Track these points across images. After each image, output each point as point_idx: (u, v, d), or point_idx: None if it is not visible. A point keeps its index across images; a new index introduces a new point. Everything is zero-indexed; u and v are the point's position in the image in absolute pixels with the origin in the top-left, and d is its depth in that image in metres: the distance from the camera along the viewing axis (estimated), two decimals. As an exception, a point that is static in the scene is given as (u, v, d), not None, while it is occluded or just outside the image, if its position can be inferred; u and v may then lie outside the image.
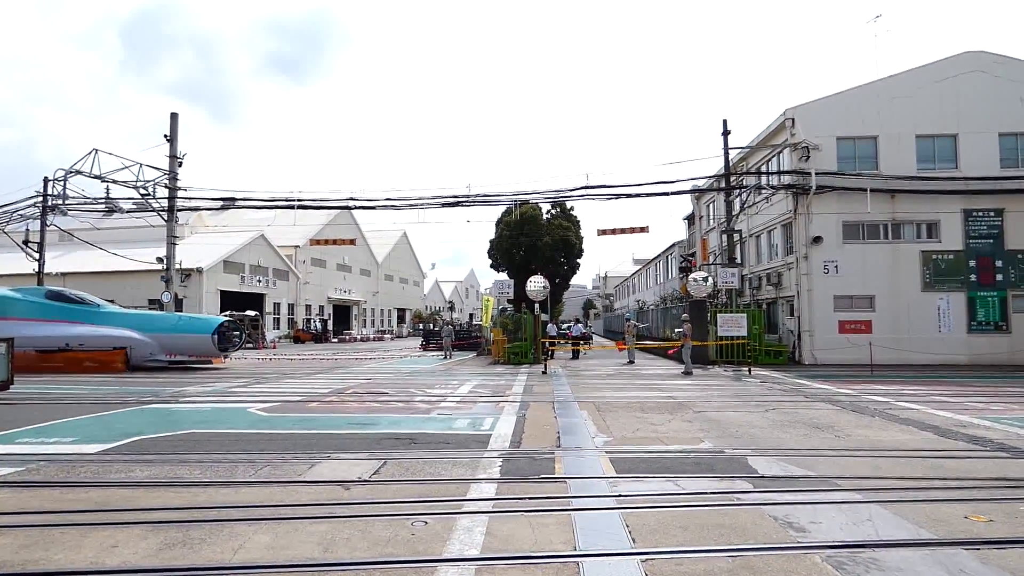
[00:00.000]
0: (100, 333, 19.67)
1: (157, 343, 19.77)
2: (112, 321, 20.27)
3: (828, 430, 8.49)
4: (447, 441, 7.72)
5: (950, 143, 21.40)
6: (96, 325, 19.88)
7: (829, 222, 21.31)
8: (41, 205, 25.17)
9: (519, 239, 34.51)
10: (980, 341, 20.82)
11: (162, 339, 19.88)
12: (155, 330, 20.03)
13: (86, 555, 3.89)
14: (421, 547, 4.01)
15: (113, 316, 20.80)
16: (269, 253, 45.14)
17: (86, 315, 20.23)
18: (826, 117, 21.56)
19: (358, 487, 5.51)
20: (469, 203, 23.03)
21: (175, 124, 23.78)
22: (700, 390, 13.65)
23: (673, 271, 39.53)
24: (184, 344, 20.16)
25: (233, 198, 24.30)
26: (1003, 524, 4.50)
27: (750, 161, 26.20)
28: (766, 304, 25.23)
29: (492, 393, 13.10)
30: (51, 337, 19.48)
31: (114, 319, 20.49)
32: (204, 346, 20.07)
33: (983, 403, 11.29)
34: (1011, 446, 7.34)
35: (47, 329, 19.56)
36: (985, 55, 21.48)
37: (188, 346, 20.22)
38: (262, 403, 11.40)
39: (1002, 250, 21.05)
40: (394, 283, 69.54)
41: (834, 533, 4.28)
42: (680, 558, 3.85)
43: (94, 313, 20.48)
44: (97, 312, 20.61)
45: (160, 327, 20.33)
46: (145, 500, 5.15)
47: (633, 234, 24.21)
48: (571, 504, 5.04)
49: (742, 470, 6.15)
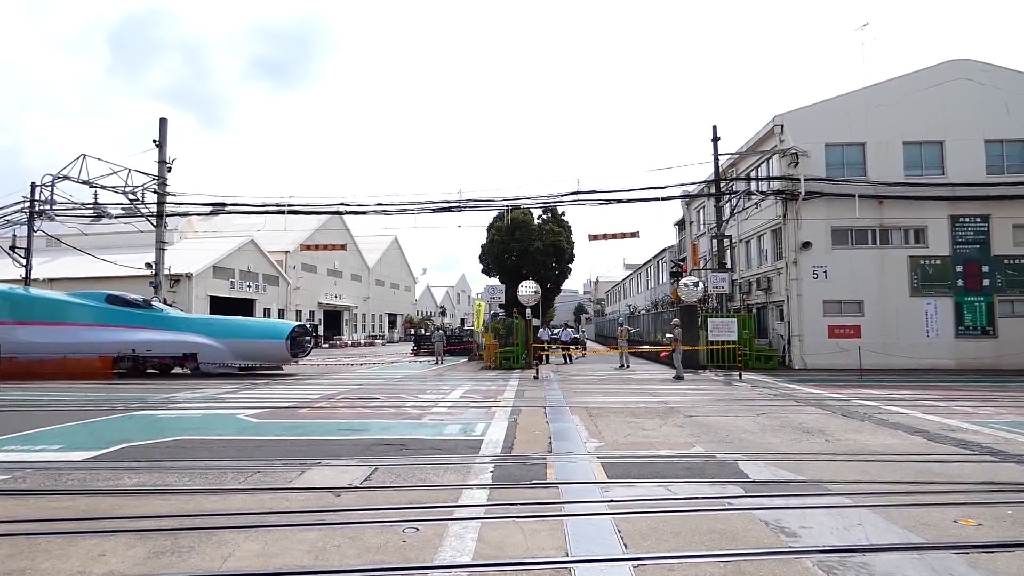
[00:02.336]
0: (167, 339, 19.27)
1: (228, 349, 19.28)
2: (179, 326, 19.87)
3: (818, 435, 8.53)
4: (438, 447, 7.70)
5: (937, 150, 21.65)
6: (161, 330, 19.48)
7: (818, 228, 21.48)
8: (28, 211, 24.91)
9: (510, 244, 34.59)
10: (967, 345, 21.02)
11: (233, 345, 19.40)
12: (226, 335, 19.56)
13: (73, 564, 3.83)
14: (412, 554, 3.99)
15: (179, 321, 20.40)
16: (259, 258, 44.89)
17: (149, 320, 19.83)
18: (815, 124, 21.76)
19: (349, 494, 5.47)
20: (460, 208, 23.03)
21: (164, 129, 23.65)
22: (691, 395, 13.69)
23: (664, 276, 39.68)
24: (257, 350, 19.70)
25: (223, 203, 24.17)
26: (992, 528, 4.53)
27: (740, 167, 26.39)
28: (756, 309, 25.37)
29: (483, 398, 13.07)
30: (115, 343, 19.07)
31: (180, 324, 20.10)
32: (278, 352, 19.64)
33: (971, 407, 11.39)
34: (999, 450, 7.40)
35: (109, 335, 19.16)
36: (971, 63, 21.79)
37: (261, 352, 19.76)
38: (252, 409, 11.31)
39: (988, 256, 21.30)
40: (385, 288, 69.33)
41: (825, 537, 4.30)
42: (672, 563, 3.85)
43: (157, 317, 20.07)
44: (160, 316, 20.20)
45: (231, 332, 19.87)
46: (133, 508, 5.09)
47: (624, 239, 24.30)
48: (563, 510, 5.03)
49: (733, 475, 6.17)
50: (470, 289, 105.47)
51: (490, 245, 35.87)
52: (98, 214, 24.29)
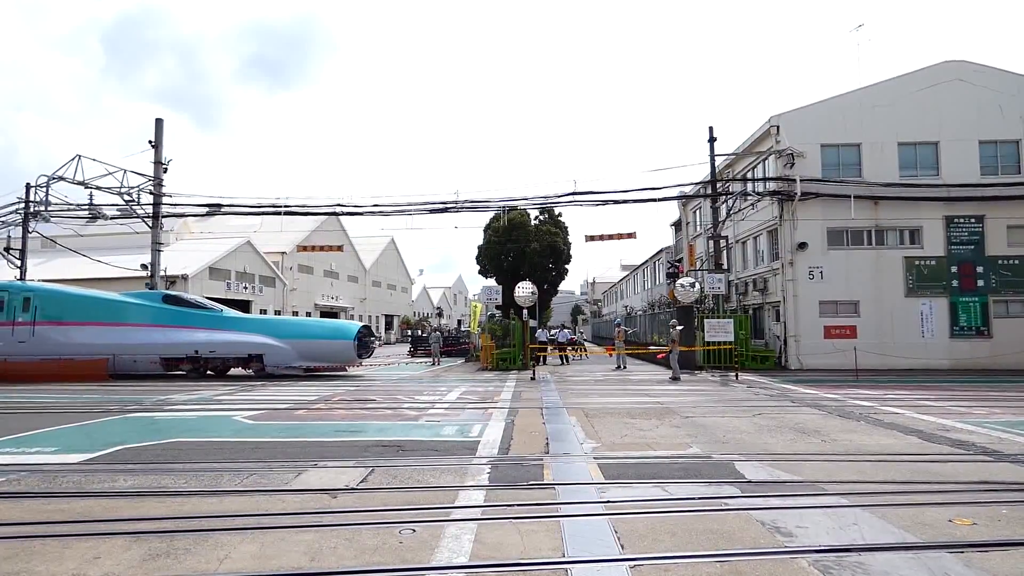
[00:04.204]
0: (232, 339, 19.07)
1: (294, 350, 19.04)
2: (240, 326, 19.72)
3: (814, 435, 8.56)
4: (435, 448, 7.69)
5: (931, 151, 21.74)
6: (223, 331, 19.30)
7: (814, 228, 21.54)
8: (23, 212, 24.82)
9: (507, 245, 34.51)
10: (962, 346, 21.10)
11: (300, 346, 19.16)
12: (292, 336, 19.36)
13: (68, 566, 3.82)
14: (409, 555, 3.99)
15: (239, 321, 20.26)
16: (255, 260, 44.78)
17: (210, 320, 19.65)
18: (810, 124, 21.83)
19: (345, 495, 5.47)
20: (457, 209, 23.01)
21: (160, 130, 23.58)
22: (688, 395, 13.71)
23: (660, 277, 39.75)
24: (324, 351, 19.43)
25: (219, 204, 24.09)
26: (986, 527, 4.55)
27: (736, 168, 26.45)
28: (753, 310, 25.42)
29: (480, 399, 13.07)
30: (177, 344, 18.90)
31: (241, 324, 19.95)
32: (345, 352, 19.43)
33: (966, 407, 11.44)
34: (993, 450, 7.43)
35: (170, 335, 18.98)
36: (965, 64, 21.88)
37: (329, 353, 19.48)
38: (248, 411, 11.29)
39: (983, 256, 21.39)
40: (382, 289, 69.24)
41: (821, 537, 4.31)
42: (668, 564, 3.86)
43: (218, 318, 19.89)
44: (220, 317, 20.02)
45: (297, 333, 19.69)
46: (129, 510, 5.08)
47: (621, 240, 24.29)
48: (560, 510, 5.03)
49: (730, 475, 6.18)
50: (467, 290, 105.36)
51: (487, 246, 35.81)
52: (93, 215, 24.19)
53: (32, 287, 20.11)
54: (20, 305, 19.05)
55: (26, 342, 18.69)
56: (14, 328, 18.81)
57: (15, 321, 18.89)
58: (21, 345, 18.67)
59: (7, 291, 19.42)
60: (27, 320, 18.89)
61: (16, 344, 18.68)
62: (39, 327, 18.83)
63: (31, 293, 19.42)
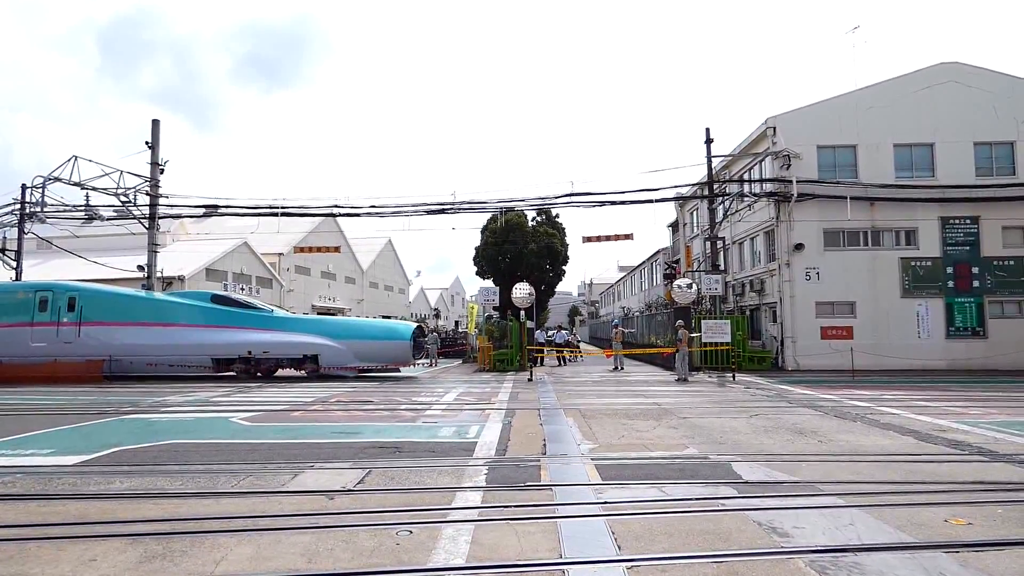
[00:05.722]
0: (286, 340, 18.92)
1: (350, 350, 18.90)
2: (293, 327, 19.58)
3: (811, 435, 8.57)
4: (432, 450, 7.68)
5: (927, 152, 21.82)
6: (276, 331, 19.15)
7: (810, 229, 21.60)
8: (19, 213, 24.75)
9: (504, 246, 34.56)
10: (958, 346, 21.17)
11: (355, 346, 19.02)
12: (347, 336, 19.19)
13: (63, 569, 3.81)
14: (406, 557, 3.98)
15: (291, 321, 20.12)
16: (252, 261, 44.68)
17: (260, 320, 19.48)
18: (807, 126, 21.89)
19: (342, 497, 5.46)
20: (454, 210, 23.00)
21: (156, 130, 23.52)
22: (685, 396, 13.73)
23: (657, 278, 39.80)
24: (380, 351, 19.29)
25: (216, 205, 24.05)
26: (982, 527, 4.57)
27: (733, 169, 26.51)
28: (749, 310, 25.47)
29: (478, 400, 13.07)
30: (230, 344, 18.76)
31: (293, 324, 19.82)
32: (401, 353, 19.29)
33: (961, 407, 11.48)
34: (989, 450, 7.46)
35: (221, 336, 18.86)
36: (960, 66, 21.98)
37: (385, 353, 19.33)
38: (244, 412, 11.25)
39: (978, 257, 21.47)
40: (379, 291, 69.17)
41: (817, 538, 4.32)
42: (665, 564, 3.86)
43: (269, 318, 19.74)
44: (271, 317, 19.88)
45: (353, 334, 19.53)
46: (124, 512, 5.06)
47: (618, 241, 24.35)
48: (557, 511, 5.03)
49: (726, 476, 6.19)
50: (464, 291, 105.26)
51: (484, 247, 35.85)
52: (89, 216, 24.11)
53: (77, 287, 19.78)
54: (65, 305, 18.92)
55: (72, 343, 18.54)
56: (59, 328, 18.66)
57: (60, 322, 18.73)
58: (67, 346, 18.51)
59: (51, 291, 19.21)
60: (72, 321, 18.74)
61: (62, 345, 18.52)
62: (85, 328, 18.68)
63: (76, 293, 19.21)
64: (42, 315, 18.83)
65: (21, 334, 18.66)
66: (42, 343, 18.56)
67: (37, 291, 19.25)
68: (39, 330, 18.69)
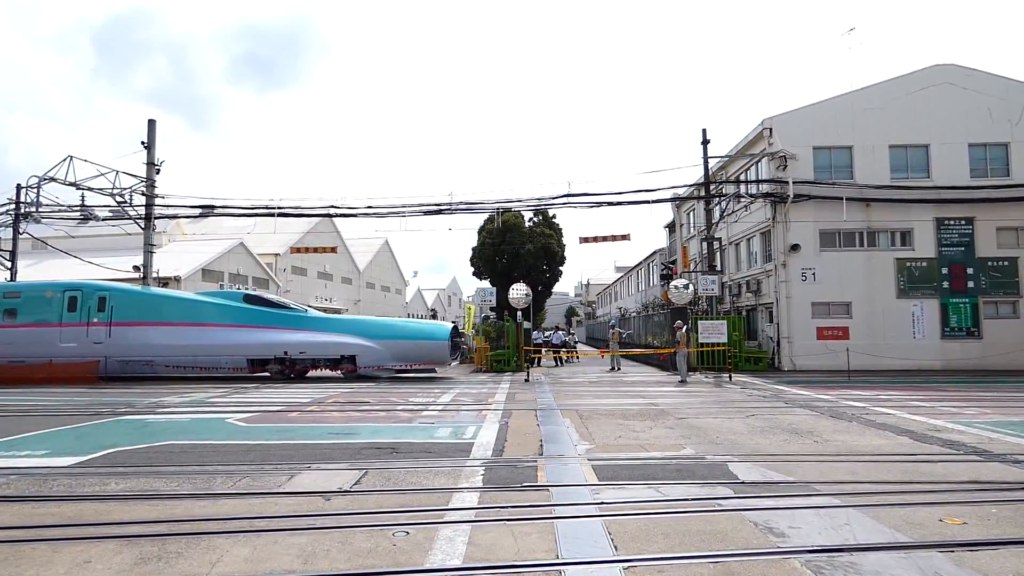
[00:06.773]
0: (323, 340, 18.76)
1: (388, 350, 18.73)
2: (328, 327, 19.38)
3: (807, 436, 8.59)
4: (429, 450, 7.68)
5: (922, 153, 21.91)
6: (311, 331, 18.98)
7: (806, 230, 21.66)
8: (14, 213, 24.66)
9: (501, 247, 34.57)
10: (953, 347, 21.25)
11: (393, 346, 18.85)
12: (385, 337, 19.00)
13: (58, 571, 3.79)
14: (403, 558, 3.98)
15: (326, 321, 19.94)
16: (249, 261, 44.59)
17: (294, 320, 19.26)
18: (803, 127, 21.96)
19: (338, 498, 5.45)
20: (451, 211, 22.99)
21: (153, 131, 23.46)
22: (681, 397, 13.74)
23: (654, 278, 39.83)
24: (418, 351, 19.07)
25: (212, 206, 23.99)
26: (977, 526, 4.59)
27: (729, 170, 26.56)
28: (746, 311, 25.52)
29: (474, 401, 13.06)
30: (265, 344, 18.60)
31: (329, 325, 19.63)
32: (439, 353, 19.12)
33: (957, 407, 11.52)
34: (983, 450, 7.49)
35: (255, 336, 18.70)
36: (955, 68, 22.07)
37: (423, 353, 19.11)
38: (241, 413, 11.23)
39: (973, 258, 21.56)
40: (376, 291, 69.09)
41: (813, 537, 4.33)
42: (662, 565, 3.87)
43: (302, 318, 19.53)
44: (305, 317, 19.68)
45: (390, 334, 19.31)
46: (120, 514, 5.04)
47: (615, 242, 24.37)
48: (553, 512, 5.03)
49: (723, 476, 6.20)
50: (461, 292, 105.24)
51: (481, 248, 35.86)
52: (85, 216, 24.03)
53: (107, 286, 19.55)
54: (95, 305, 18.71)
55: (103, 343, 18.38)
56: (88, 329, 18.46)
57: (90, 322, 18.53)
58: (97, 347, 18.35)
59: (80, 290, 18.96)
60: (103, 321, 18.55)
61: (92, 345, 18.35)
62: (116, 328, 18.50)
63: (106, 293, 18.98)
64: (71, 315, 18.59)
65: (49, 334, 18.41)
66: (72, 343, 18.34)
67: (66, 291, 18.96)
68: (68, 330, 18.44)
